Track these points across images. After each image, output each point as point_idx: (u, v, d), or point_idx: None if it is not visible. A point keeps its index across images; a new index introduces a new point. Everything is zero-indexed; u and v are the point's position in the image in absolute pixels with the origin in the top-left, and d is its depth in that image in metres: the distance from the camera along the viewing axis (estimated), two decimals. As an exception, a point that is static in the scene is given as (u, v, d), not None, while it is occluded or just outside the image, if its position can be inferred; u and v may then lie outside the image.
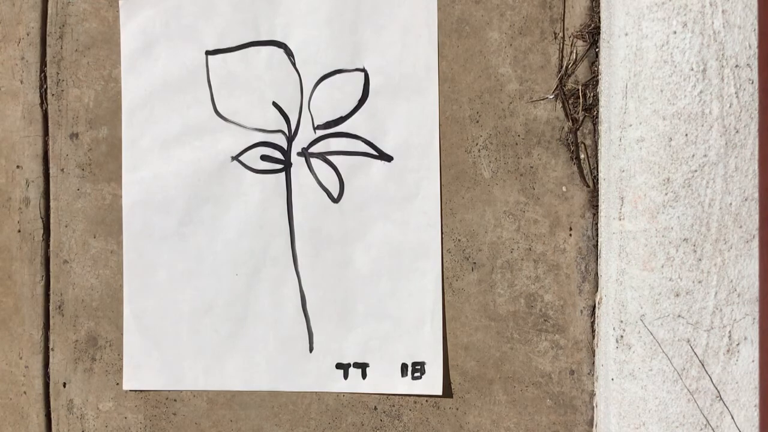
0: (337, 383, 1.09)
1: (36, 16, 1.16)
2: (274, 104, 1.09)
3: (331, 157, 1.09)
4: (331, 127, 1.09)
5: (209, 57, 1.10)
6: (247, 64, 1.10)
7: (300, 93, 1.09)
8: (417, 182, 1.07)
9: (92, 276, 1.15)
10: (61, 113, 1.15)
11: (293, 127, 1.09)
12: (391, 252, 1.08)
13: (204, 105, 1.11)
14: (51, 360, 1.17)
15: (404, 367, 1.08)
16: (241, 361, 1.11)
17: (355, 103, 1.08)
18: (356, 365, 1.09)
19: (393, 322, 1.08)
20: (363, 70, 1.08)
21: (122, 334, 1.15)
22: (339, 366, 1.09)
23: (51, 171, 1.16)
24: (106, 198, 1.15)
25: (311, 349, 1.10)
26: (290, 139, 1.09)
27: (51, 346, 1.17)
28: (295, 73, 1.09)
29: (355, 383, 1.09)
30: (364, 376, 1.09)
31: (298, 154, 1.09)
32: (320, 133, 1.09)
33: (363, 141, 1.08)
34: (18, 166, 1.17)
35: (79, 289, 1.16)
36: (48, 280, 1.17)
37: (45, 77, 1.16)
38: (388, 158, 1.07)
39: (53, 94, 1.16)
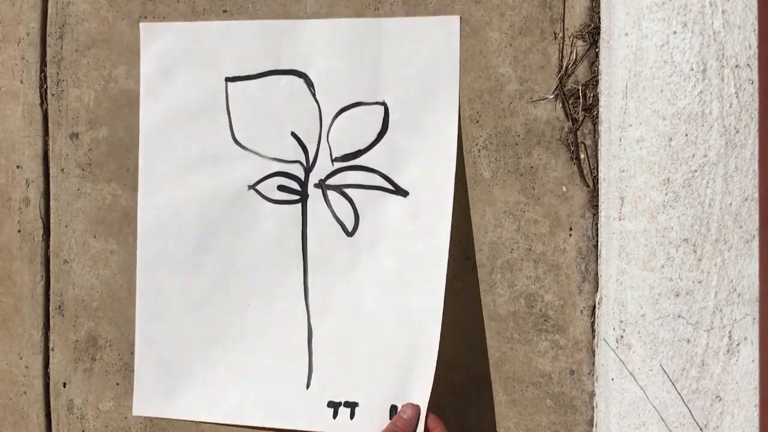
0: (325, 422, 1.07)
1: (36, 16, 1.16)
2: (293, 134, 1.08)
3: (347, 190, 1.07)
4: (349, 159, 1.07)
5: (229, 84, 1.09)
6: (266, 93, 1.08)
7: (319, 124, 1.07)
8: (430, 220, 1.05)
9: (92, 276, 1.15)
10: (61, 113, 1.15)
11: (311, 159, 1.08)
12: (398, 289, 1.06)
13: (222, 132, 1.09)
14: (51, 360, 1.17)
15: (393, 409, 1.04)
16: (243, 395, 1.09)
17: (374, 136, 1.06)
18: (347, 404, 1.06)
19: (389, 362, 1.05)
20: (383, 103, 1.06)
21: (122, 334, 1.15)
22: (330, 404, 1.07)
23: (51, 171, 1.16)
24: (106, 198, 1.15)
25: (308, 386, 1.08)
26: (308, 170, 1.08)
27: (51, 346, 1.17)
28: (315, 103, 1.07)
29: (342, 422, 1.06)
30: (352, 415, 1.06)
31: (315, 185, 1.08)
32: (338, 165, 1.07)
33: (380, 175, 1.06)
34: (18, 166, 1.17)
35: (79, 289, 1.16)
36: (48, 280, 1.17)
37: (45, 77, 1.16)
38: (404, 193, 1.06)
39: (53, 94, 1.16)
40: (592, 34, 1.03)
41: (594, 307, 1.05)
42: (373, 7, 1.08)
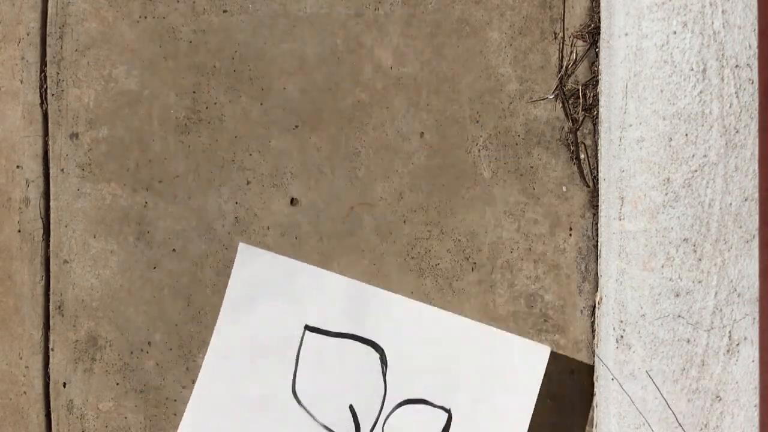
0: None
1: (36, 16, 1.16)
2: (351, 408, 1.03)
3: None
4: None
5: (307, 332, 1.05)
6: (340, 355, 1.04)
7: (380, 407, 1.02)
8: None
9: (92, 276, 1.15)
10: (61, 113, 1.16)
11: None
12: None
13: (285, 379, 1.05)
14: (51, 360, 1.17)
15: None
16: None
17: None
18: None
19: None
20: (448, 411, 1.00)
21: (122, 334, 1.15)
22: None
23: (51, 171, 1.16)
24: (106, 198, 1.15)
25: None
26: None
27: (51, 346, 1.17)
28: (383, 384, 1.02)
29: None
30: None
31: None
32: None
33: None
34: (18, 166, 1.17)
35: (79, 289, 1.16)
36: (48, 280, 1.17)
37: (45, 77, 1.16)
38: None
39: (53, 94, 1.16)
40: (592, 34, 1.03)
41: (594, 307, 1.05)
42: (373, 7, 1.08)
